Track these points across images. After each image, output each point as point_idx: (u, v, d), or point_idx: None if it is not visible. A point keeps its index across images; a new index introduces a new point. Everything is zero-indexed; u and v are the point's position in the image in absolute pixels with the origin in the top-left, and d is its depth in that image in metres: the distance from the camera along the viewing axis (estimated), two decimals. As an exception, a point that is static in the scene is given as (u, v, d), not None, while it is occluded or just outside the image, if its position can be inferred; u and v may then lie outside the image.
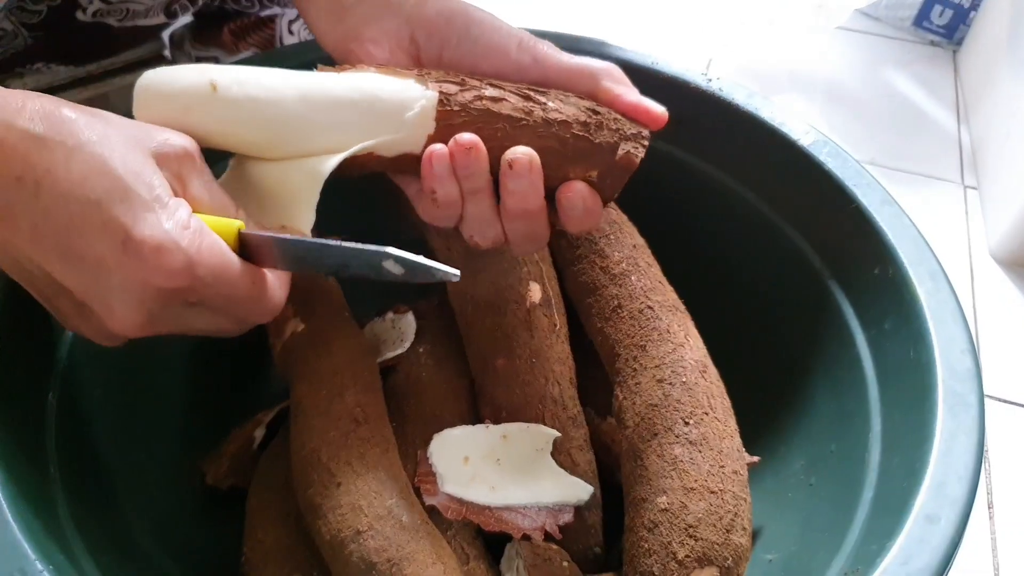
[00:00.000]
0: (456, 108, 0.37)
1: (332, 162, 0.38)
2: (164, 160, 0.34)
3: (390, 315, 0.54)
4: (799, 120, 0.50)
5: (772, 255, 0.52)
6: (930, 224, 0.91)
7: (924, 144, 1.05)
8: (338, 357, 0.45)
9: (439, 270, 0.34)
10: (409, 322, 0.53)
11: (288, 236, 0.36)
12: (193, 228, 0.33)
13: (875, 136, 1.06)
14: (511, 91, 0.38)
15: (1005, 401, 0.73)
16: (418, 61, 0.42)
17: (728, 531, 0.39)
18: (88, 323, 0.35)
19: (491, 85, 0.38)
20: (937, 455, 0.35)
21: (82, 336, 0.36)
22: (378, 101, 0.37)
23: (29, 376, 0.40)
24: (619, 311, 0.48)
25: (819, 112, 1.09)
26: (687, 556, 0.38)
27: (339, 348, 0.45)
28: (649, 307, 0.47)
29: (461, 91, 0.38)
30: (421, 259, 0.34)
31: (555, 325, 0.49)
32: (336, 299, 0.50)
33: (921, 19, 1.25)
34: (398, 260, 0.34)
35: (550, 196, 0.39)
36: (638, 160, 0.38)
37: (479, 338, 0.49)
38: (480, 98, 0.37)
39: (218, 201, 0.36)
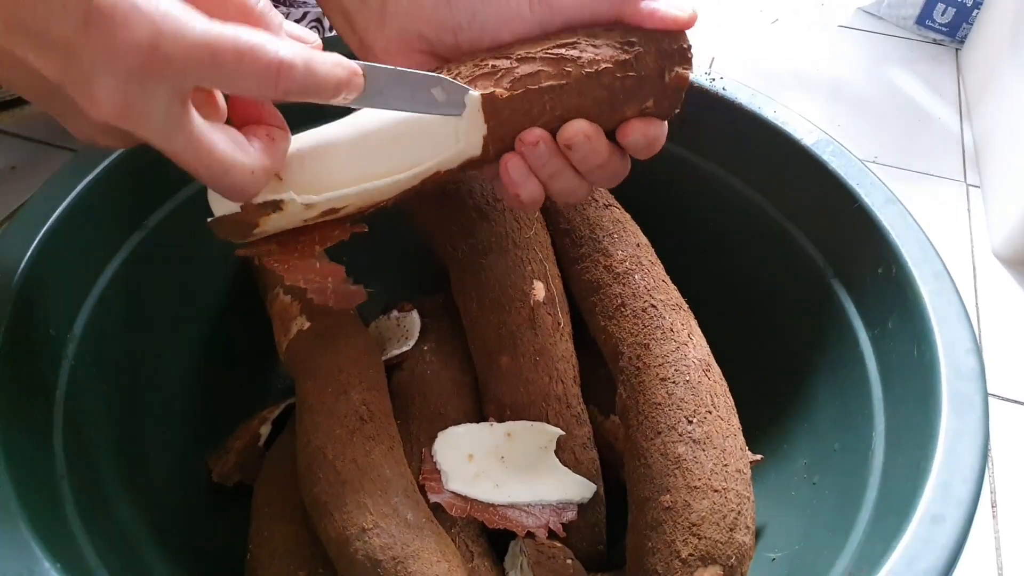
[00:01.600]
0: (499, 100, 0.36)
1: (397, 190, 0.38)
2: None
3: (395, 313, 0.55)
4: (802, 119, 0.50)
5: (775, 254, 0.52)
6: (933, 222, 0.92)
7: (927, 142, 1.05)
8: (343, 355, 0.45)
9: (473, 97, 0.35)
10: (414, 320, 0.53)
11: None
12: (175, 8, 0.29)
13: (878, 134, 1.06)
14: (542, 58, 0.37)
15: (1009, 400, 0.73)
16: (436, 54, 0.40)
17: (731, 530, 0.39)
18: (77, 117, 0.31)
19: (520, 60, 0.37)
20: (942, 455, 0.35)
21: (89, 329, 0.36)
22: (427, 124, 0.36)
23: (36, 375, 0.40)
24: (622, 310, 0.48)
25: (821, 110, 1.09)
26: (690, 554, 0.38)
27: (344, 346, 0.45)
28: (652, 306, 0.47)
29: (496, 80, 0.36)
30: (458, 85, 0.35)
31: (559, 323, 0.49)
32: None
33: (924, 17, 1.24)
34: (445, 85, 0.35)
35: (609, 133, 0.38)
36: (689, 75, 0.37)
37: (483, 336, 0.49)
38: (516, 80, 0.36)
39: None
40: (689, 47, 0.37)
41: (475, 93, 0.36)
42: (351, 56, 0.39)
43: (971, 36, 1.20)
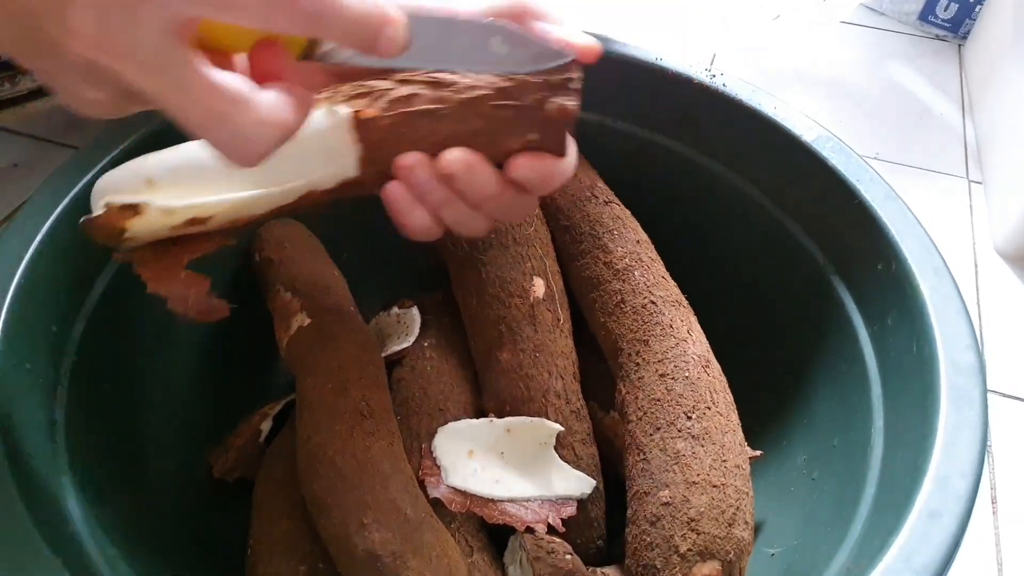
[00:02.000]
0: (371, 120, 0.34)
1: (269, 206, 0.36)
2: None
3: (395, 309, 0.55)
4: (802, 116, 0.50)
5: (775, 251, 0.52)
6: (934, 219, 0.91)
7: (929, 139, 1.05)
8: (344, 351, 0.45)
9: (546, 52, 0.32)
10: (414, 316, 0.53)
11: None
12: None
13: (879, 131, 1.06)
14: (420, 81, 0.35)
15: (1009, 396, 0.73)
16: (334, 72, 0.37)
17: (730, 525, 0.39)
18: (59, 68, 0.28)
19: (399, 82, 0.35)
20: (940, 450, 0.35)
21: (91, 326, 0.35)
22: (297, 142, 0.33)
23: (38, 371, 0.40)
24: (622, 306, 0.48)
25: (823, 107, 1.09)
26: (689, 549, 0.38)
27: (345, 342, 0.45)
28: (652, 302, 0.47)
29: (372, 100, 0.35)
30: (526, 36, 0.32)
31: (558, 319, 0.49)
32: (342, 294, 0.50)
33: (927, 13, 1.24)
34: (504, 36, 0.32)
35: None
36: (573, 110, 0.34)
37: (483, 332, 0.49)
38: (391, 102, 0.34)
39: None
40: (577, 79, 0.34)
41: (345, 111, 0.34)
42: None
43: (974, 32, 1.19)
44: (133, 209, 0.35)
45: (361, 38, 0.29)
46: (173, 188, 0.35)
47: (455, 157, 0.34)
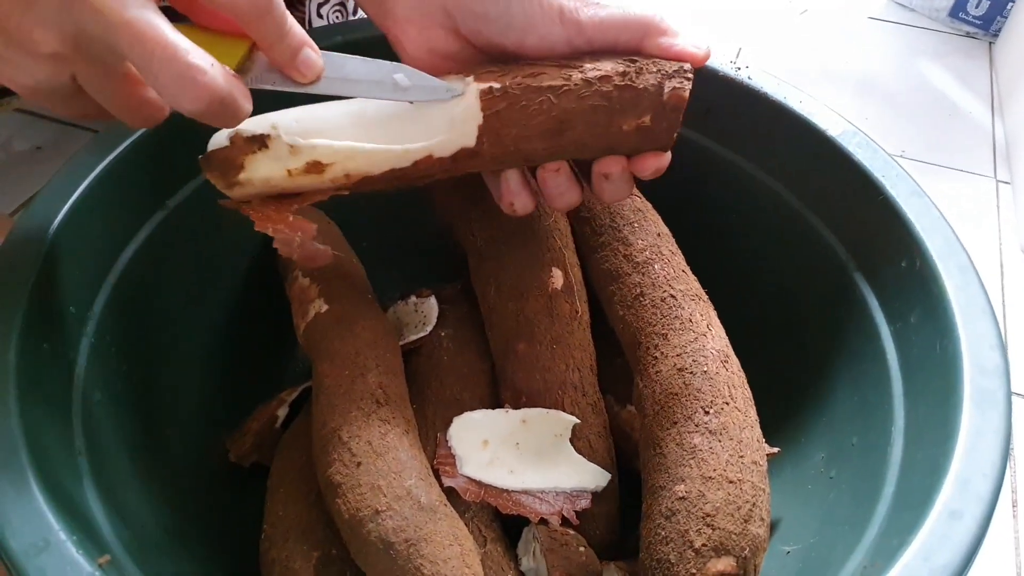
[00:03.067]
0: (497, 93, 0.37)
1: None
2: None
3: (413, 299, 0.55)
4: (828, 110, 0.50)
5: (797, 246, 0.51)
6: (960, 218, 0.90)
7: (957, 137, 1.04)
8: (361, 338, 0.45)
9: (440, 87, 0.36)
10: (431, 306, 0.53)
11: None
12: None
13: (906, 128, 1.05)
14: (548, 65, 0.38)
15: (1032, 399, 0.72)
16: (459, 37, 0.41)
17: (746, 521, 0.39)
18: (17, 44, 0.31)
19: (528, 65, 0.38)
20: (962, 451, 0.34)
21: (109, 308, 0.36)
22: (425, 107, 0.37)
23: (56, 351, 0.41)
24: (641, 299, 0.47)
25: (850, 104, 1.08)
26: (704, 545, 0.38)
27: (362, 329, 0.45)
28: (672, 296, 0.47)
29: (498, 76, 0.38)
30: (425, 76, 0.36)
31: (577, 312, 0.49)
32: (360, 281, 0.50)
33: (957, 10, 1.22)
34: (407, 73, 0.35)
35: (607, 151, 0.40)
36: (686, 94, 0.38)
37: (500, 323, 0.49)
38: (517, 77, 0.37)
39: None
40: (690, 71, 0.38)
41: (474, 83, 0.37)
42: (356, 43, 0.39)
43: (1005, 29, 1.18)
44: (259, 142, 0.36)
45: (284, 53, 0.33)
46: (297, 134, 0.36)
47: (553, 167, 0.40)
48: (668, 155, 0.41)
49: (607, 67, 0.38)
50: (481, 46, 0.40)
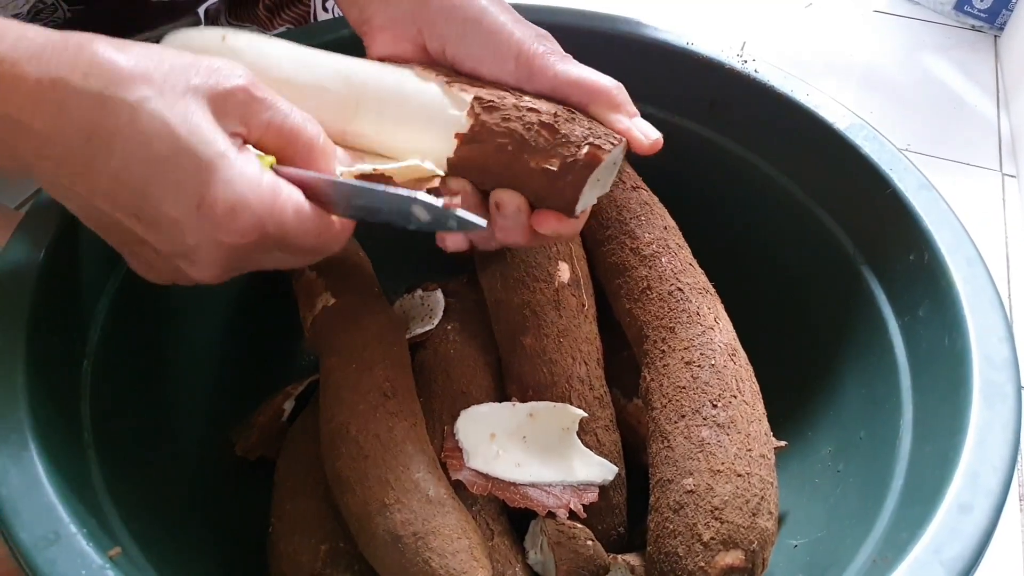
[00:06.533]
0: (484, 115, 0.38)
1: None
2: (222, 104, 0.34)
3: (419, 292, 0.55)
4: (835, 103, 0.50)
5: (804, 239, 0.51)
6: (966, 212, 0.90)
7: (962, 131, 1.03)
8: (368, 332, 0.45)
9: (464, 219, 0.35)
10: (438, 299, 0.53)
11: (320, 176, 0.36)
12: (265, 185, 0.33)
13: (911, 122, 1.04)
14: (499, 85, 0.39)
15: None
16: (424, 51, 0.42)
17: (754, 514, 0.39)
18: (170, 273, 0.36)
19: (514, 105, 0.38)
20: (972, 444, 0.34)
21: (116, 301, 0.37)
22: (426, 106, 0.38)
23: (64, 344, 0.41)
24: (648, 292, 0.47)
25: (854, 97, 1.08)
26: (712, 538, 0.38)
27: (369, 323, 0.45)
28: (679, 289, 0.47)
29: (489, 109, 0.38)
30: (444, 203, 0.35)
31: (583, 305, 0.49)
32: (367, 275, 0.50)
33: (962, 3, 1.22)
34: (425, 206, 0.35)
35: (511, 184, 0.39)
36: (603, 157, 0.37)
37: (507, 316, 0.49)
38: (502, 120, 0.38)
39: (288, 128, 0.36)
40: (625, 145, 0.38)
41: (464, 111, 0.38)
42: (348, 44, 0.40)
43: (1011, 23, 1.17)
44: None
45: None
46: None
47: (512, 195, 0.39)
48: (573, 224, 0.39)
49: (543, 105, 0.38)
50: (442, 63, 0.41)
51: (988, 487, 0.33)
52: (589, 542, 0.42)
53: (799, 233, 0.52)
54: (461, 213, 0.35)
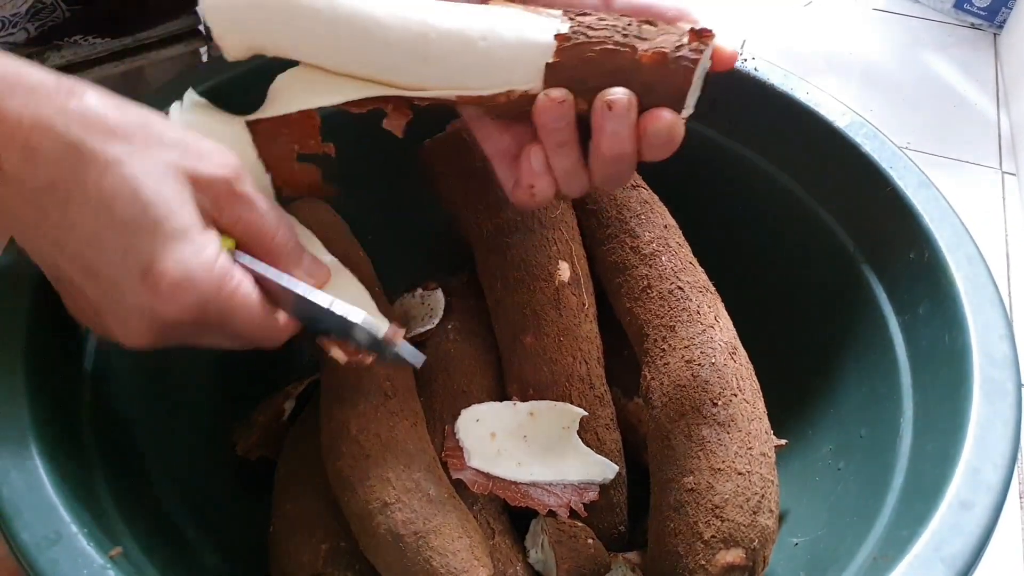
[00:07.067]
0: (572, 39, 0.36)
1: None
2: (203, 186, 0.34)
3: (420, 291, 0.55)
4: (835, 101, 0.50)
5: (805, 237, 0.51)
6: (966, 210, 0.90)
7: (962, 129, 1.03)
8: (368, 331, 0.45)
9: (400, 356, 0.36)
10: (438, 298, 0.53)
11: (273, 274, 0.36)
12: (217, 269, 0.33)
13: (911, 120, 1.04)
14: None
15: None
16: None
17: (755, 513, 0.39)
18: (100, 327, 0.35)
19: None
20: (972, 441, 0.34)
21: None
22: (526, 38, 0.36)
23: (63, 344, 0.41)
24: (648, 291, 0.47)
25: (854, 95, 1.08)
26: (713, 536, 0.38)
27: (369, 322, 0.45)
28: (679, 287, 0.47)
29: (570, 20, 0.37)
30: (385, 335, 0.36)
31: (584, 304, 0.49)
32: (366, 274, 0.50)
33: (962, 1, 1.22)
34: (366, 333, 0.36)
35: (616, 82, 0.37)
36: (708, 39, 0.36)
37: (507, 315, 0.49)
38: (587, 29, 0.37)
39: (259, 229, 0.36)
40: (713, 38, 0.37)
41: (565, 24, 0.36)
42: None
43: (1010, 21, 1.17)
44: None
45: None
46: None
47: (623, 92, 0.36)
48: (681, 127, 0.37)
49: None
50: None
51: (989, 484, 0.33)
52: (590, 541, 0.42)
53: (799, 231, 0.52)
54: (400, 349, 0.36)
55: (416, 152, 0.52)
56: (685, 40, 0.36)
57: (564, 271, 0.49)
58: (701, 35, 0.36)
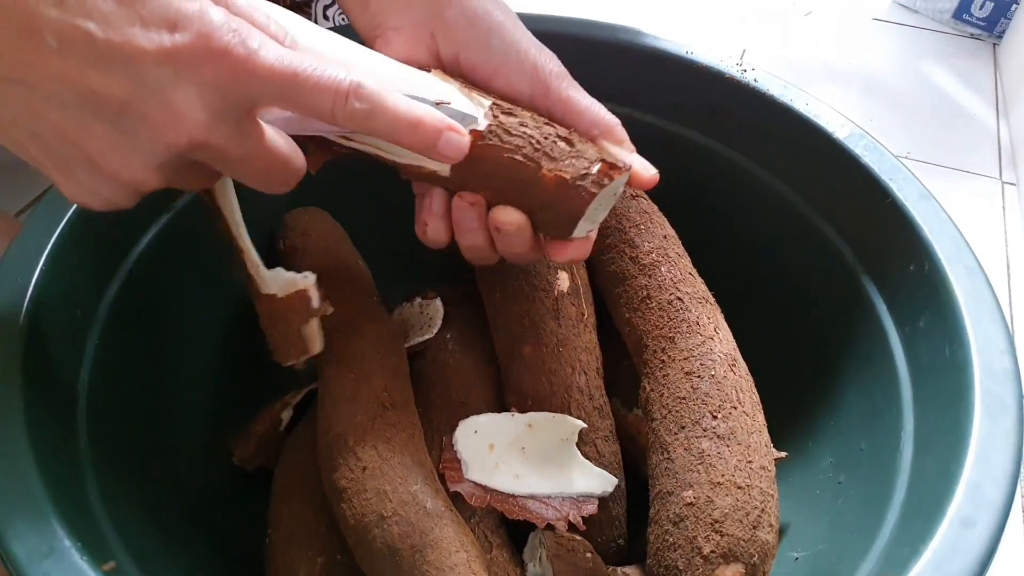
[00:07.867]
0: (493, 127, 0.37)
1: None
2: None
3: (419, 301, 0.54)
4: (834, 112, 0.50)
5: (804, 249, 0.51)
6: (966, 220, 0.90)
7: (962, 139, 1.03)
8: (366, 341, 0.45)
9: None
10: (437, 308, 0.53)
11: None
12: (236, 23, 0.30)
13: (911, 130, 1.04)
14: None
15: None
16: (437, 58, 0.41)
17: (755, 527, 0.38)
18: (96, 182, 0.31)
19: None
20: (973, 457, 0.34)
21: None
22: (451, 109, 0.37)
23: (61, 353, 0.40)
24: (648, 302, 0.47)
25: (854, 105, 1.08)
26: (712, 551, 0.38)
27: (367, 332, 0.45)
28: (678, 298, 0.47)
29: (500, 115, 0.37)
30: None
31: (583, 314, 0.48)
32: (365, 284, 0.50)
33: (961, 11, 1.22)
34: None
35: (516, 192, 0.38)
36: (615, 175, 0.37)
37: (506, 325, 0.49)
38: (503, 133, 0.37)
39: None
40: (626, 170, 0.38)
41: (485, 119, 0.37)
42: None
43: (1009, 31, 1.17)
44: None
45: (408, 135, 0.34)
46: None
47: (512, 218, 0.38)
48: (582, 248, 0.40)
49: (557, 127, 0.38)
50: (453, 71, 0.41)
51: (991, 501, 0.33)
52: (588, 554, 0.42)
53: (799, 243, 0.51)
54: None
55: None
56: (595, 169, 0.37)
57: (563, 281, 0.49)
58: (612, 168, 0.37)
